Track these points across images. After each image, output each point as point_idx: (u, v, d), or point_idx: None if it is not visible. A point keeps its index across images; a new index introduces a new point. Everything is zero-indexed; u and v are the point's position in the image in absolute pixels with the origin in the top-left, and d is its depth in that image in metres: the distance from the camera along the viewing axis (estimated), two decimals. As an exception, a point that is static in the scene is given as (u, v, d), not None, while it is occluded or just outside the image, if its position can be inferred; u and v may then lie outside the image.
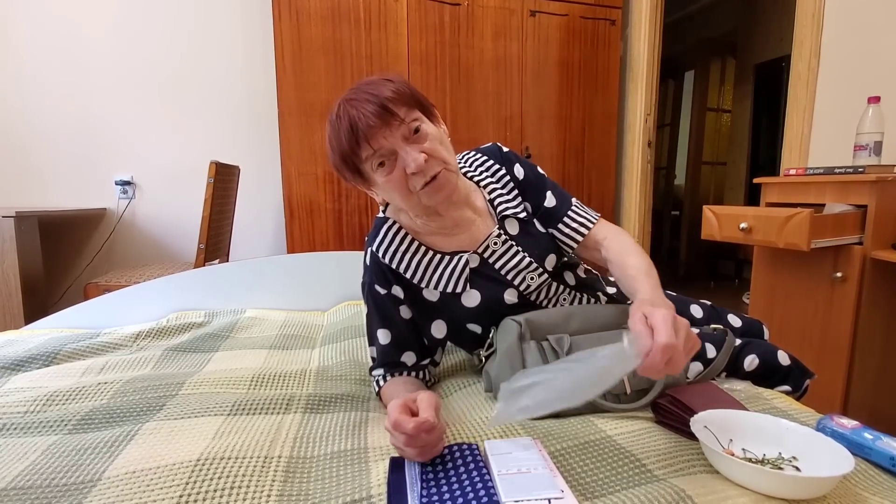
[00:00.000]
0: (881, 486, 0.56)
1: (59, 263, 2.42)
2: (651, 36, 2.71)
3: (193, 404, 0.75)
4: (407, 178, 0.74)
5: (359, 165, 0.76)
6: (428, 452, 0.58)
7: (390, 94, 0.72)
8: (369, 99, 0.71)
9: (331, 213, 2.38)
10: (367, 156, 0.73)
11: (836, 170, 1.40)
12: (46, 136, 2.34)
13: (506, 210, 0.86)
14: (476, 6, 2.46)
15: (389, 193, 0.77)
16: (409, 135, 0.73)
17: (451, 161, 0.77)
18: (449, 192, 0.77)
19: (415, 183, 0.74)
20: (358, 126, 0.71)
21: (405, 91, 0.74)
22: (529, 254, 0.83)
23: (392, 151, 0.73)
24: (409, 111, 0.74)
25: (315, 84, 2.28)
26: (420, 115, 0.76)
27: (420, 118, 0.75)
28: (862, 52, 1.70)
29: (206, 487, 0.53)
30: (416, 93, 0.76)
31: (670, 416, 0.67)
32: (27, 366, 0.99)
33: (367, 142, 0.72)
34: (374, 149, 0.72)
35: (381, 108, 0.71)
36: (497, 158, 0.91)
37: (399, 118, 0.72)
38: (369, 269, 0.84)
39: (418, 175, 0.73)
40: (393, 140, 0.72)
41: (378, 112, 0.70)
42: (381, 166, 0.74)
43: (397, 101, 0.72)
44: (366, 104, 0.71)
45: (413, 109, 0.74)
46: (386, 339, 0.83)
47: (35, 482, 0.55)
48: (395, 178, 0.74)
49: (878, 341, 1.36)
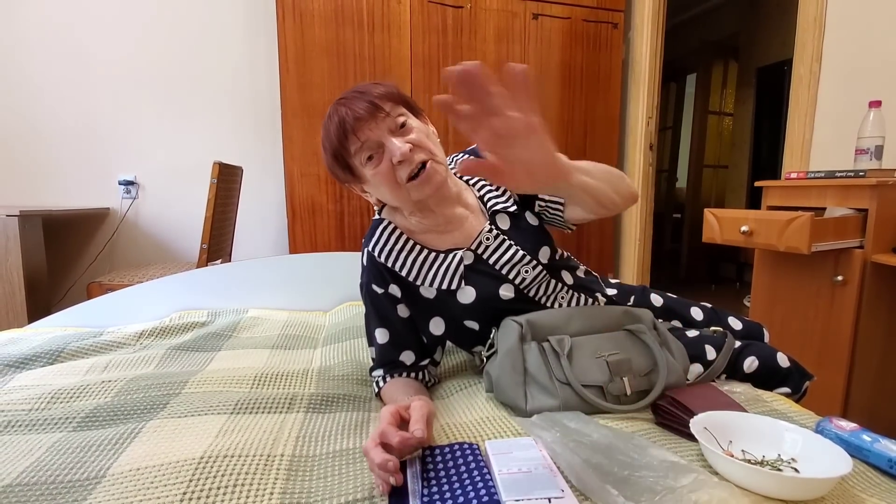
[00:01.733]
0: (879, 487, 0.56)
1: (63, 262, 2.43)
2: (653, 39, 2.71)
3: (196, 403, 0.75)
4: (394, 170, 0.76)
5: (349, 161, 0.79)
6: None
7: (378, 92, 0.77)
8: (358, 97, 0.76)
9: (333, 214, 2.39)
10: (356, 149, 0.76)
11: (838, 173, 1.41)
12: (51, 136, 2.35)
13: (496, 205, 0.87)
14: (479, 9, 2.46)
15: (379, 188, 0.79)
16: (395, 128, 0.77)
17: (438, 153, 0.79)
18: (438, 184, 0.78)
19: (401, 174, 0.76)
20: (346, 120, 0.75)
21: (393, 91, 0.79)
22: (522, 247, 0.83)
23: (379, 144, 0.76)
24: (395, 107, 0.78)
25: (318, 85, 2.29)
26: (406, 111, 0.80)
27: (406, 114, 0.79)
28: (863, 56, 1.71)
29: (210, 485, 0.54)
30: (405, 94, 0.81)
31: (670, 417, 0.68)
32: (31, 364, 1.00)
33: (354, 134, 0.75)
34: (361, 140, 0.75)
35: (368, 103, 0.75)
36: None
37: (385, 111, 0.76)
38: (366, 269, 0.86)
39: (404, 164, 0.75)
40: (379, 132, 0.76)
41: (365, 107, 0.75)
42: (369, 160, 0.77)
43: (384, 98, 0.77)
44: (354, 101, 0.76)
45: (399, 106, 0.79)
46: (384, 338, 0.84)
47: (39, 479, 0.56)
48: (383, 170, 0.76)
49: (878, 344, 1.36)
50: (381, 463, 0.52)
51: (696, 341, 0.87)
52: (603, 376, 0.73)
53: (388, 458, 0.52)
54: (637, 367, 0.74)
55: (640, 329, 0.79)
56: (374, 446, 0.54)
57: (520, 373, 0.74)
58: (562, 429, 0.62)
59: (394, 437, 0.55)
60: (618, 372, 0.73)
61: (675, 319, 0.99)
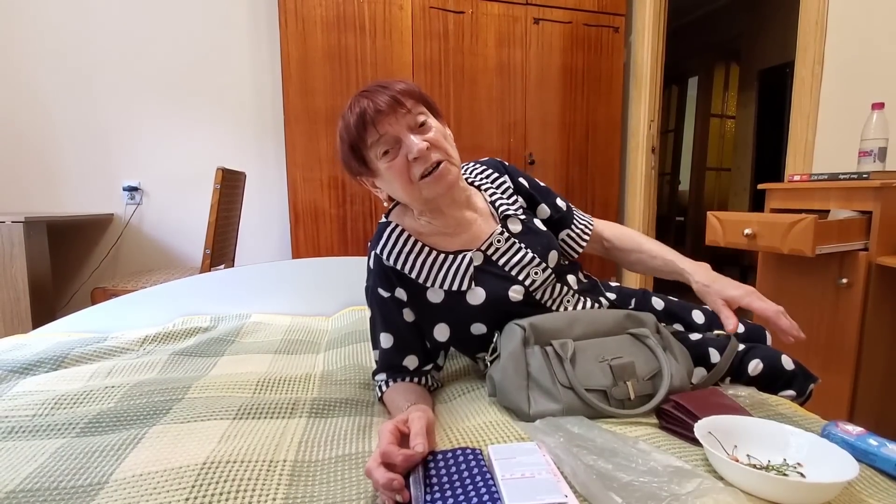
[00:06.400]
0: (886, 492, 0.55)
1: (67, 268, 2.44)
2: (655, 42, 2.72)
3: (199, 408, 0.75)
4: (409, 167, 0.77)
5: (365, 153, 0.79)
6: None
7: (401, 88, 0.78)
8: (380, 90, 0.77)
9: (335, 219, 2.39)
10: (373, 141, 0.77)
11: (841, 176, 1.40)
12: (55, 143, 2.37)
13: (507, 210, 0.89)
14: (480, 14, 2.47)
15: (391, 183, 0.80)
16: (414, 126, 0.78)
17: (453, 154, 0.81)
18: (450, 184, 0.79)
19: (416, 171, 0.77)
20: (367, 112, 0.76)
21: (414, 89, 0.80)
22: (532, 250, 0.85)
23: (397, 139, 0.77)
24: (416, 104, 0.79)
25: (321, 91, 2.30)
26: (426, 111, 0.81)
27: (426, 113, 0.80)
28: (866, 58, 1.71)
29: (212, 490, 0.54)
30: (425, 94, 0.82)
31: (674, 421, 0.67)
32: (35, 369, 1.00)
33: (373, 126, 0.76)
34: (381, 133, 0.76)
35: (390, 97, 0.76)
36: (497, 169, 0.95)
37: (406, 108, 0.77)
38: (373, 272, 0.85)
39: (420, 161, 0.76)
40: (398, 127, 0.77)
41: (387, 100, 0.75)
42: (385, 154, 0.78)
43: (406, 94, 0.77)
44: (377, 94, 0.77)
45: (420, 104, 0.80)
46: (388, 342, 0.84)
47: (43, 485, 0.56)
48: (398, 165, 0.77)
49: (883, 347, 1.35)
50: (385, 483, 0.51)
51: (699, 344, 0.86)
52: (606, 380, 0.72)
53: (393, 476, 0.52)
54: (641, 372, 0.74)
55: (644, 333, 0.78)
56: (378, 466, 0.53)
57: (523, 377, 0.74)
58: (565, 434, 0.62)
59: (396, 457, 0.54)
60: (621, 376, 0.73)
61: (677, 323, 0.98)
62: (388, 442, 0.56)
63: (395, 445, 0.56)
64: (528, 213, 0.92)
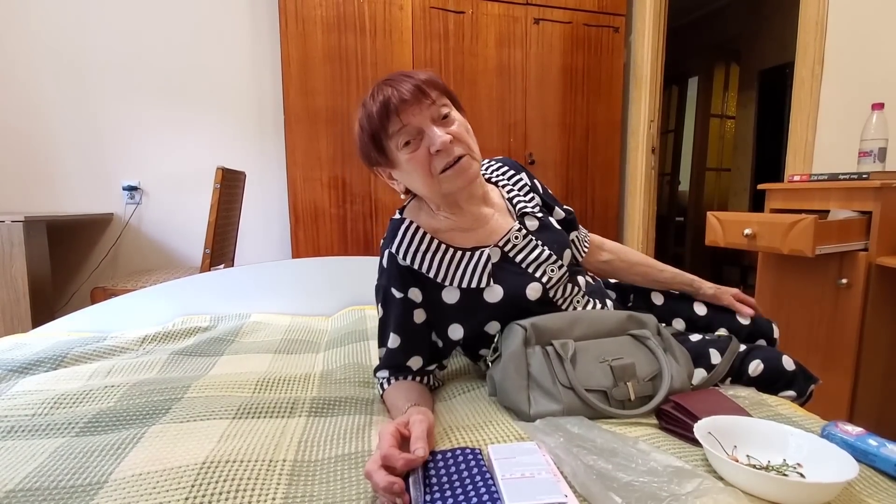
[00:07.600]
0: (886, 492, 0.55)
1: (67, 268, 2.44)
2: (655, 42, 2.72)
3: (199, 408, 0.75)
4: (430, 159, 0.76)
5: (385, 143, 0.78)
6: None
7: (425, 78, 0.76)
8: (404, 79, 0.76)
9: (335, 219, 2.39)
10: (395, 131, 0.76)
11: (841, 176, 1.40)
12: (55, 142, 2.37)
13: (524, 207, 0.88)
14: (480, 14, 2.48)
15: (410, 175, 0.79)
16: (437, 117, 0.76)
17: (475, 149, 0.80)
18: (470, 179, 0.78)
19: (437, 164, 0.76)
20: (391, 101, 0.74)
21: (439, 81, 0.79)
22: (549, 247, 0.84)
23: (419, 131, 0.75)
24: (440, 96, 0.77)
25: (321, 91, 2.30)
26: (449, 103, 0.79)
27: (449, 106, 0.79)
28: (865, 58, 1.71)
29: (212, 490, 0.54)
30: (448, 87, 0.81)
31: (674, 422, 0.67)
32: (35, 369, 1.00)
33: (397, 115, 0.75)
34: (404, 123, 0.75)
35: (415, 87, 0.74)
36: (514, 167, 0.96)
37: (431, 99, 0.75)
38: (386, 271, 0.83)
39: (441, 154, 0.75)
40: (422, 118, 0.75)
41: (412, 90, 0.74)
42: (406, 145, 0.76)
43: (431, 85, 0.76)
44: (401, 83, 0.75)
45: (443, 96, 0.78)
46: (396, 342, 0.82)
47: (42, 484, 0.56)
48: (419, 156, 0.76)
49: (883, 347, 1.35)
50: (386, 486, 0.51)
51: (700, 345, 0.86)
52: (607, 381, 0.72)
53: (394, 480, 0.51)
54: (641, 373, 0.74)
55: (645, 334, 0.79)
56: (378, 469, 0.53)
57: (523, 377, 0.74)
58: (565, 434, 0.62)
59: (398, 462, 0.54)
60: (622, 377, 0.73)
61: (678, 318, 1.00)
62: (390, 445, 0.56)
63: (395, 449, 0.55)
64: (544, 210, 0.92)
